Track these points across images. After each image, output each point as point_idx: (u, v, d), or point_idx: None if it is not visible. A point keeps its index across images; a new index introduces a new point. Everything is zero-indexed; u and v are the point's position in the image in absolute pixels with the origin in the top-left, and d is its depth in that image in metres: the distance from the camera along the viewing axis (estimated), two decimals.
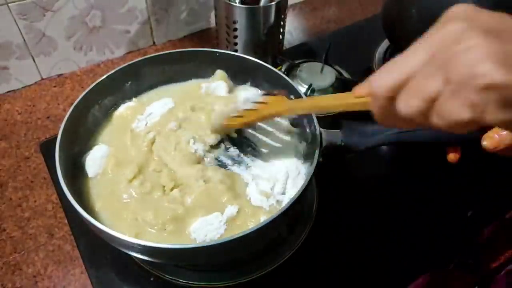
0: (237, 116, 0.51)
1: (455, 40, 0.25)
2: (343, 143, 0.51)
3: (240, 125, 0.53)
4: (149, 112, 0.59)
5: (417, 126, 0.30)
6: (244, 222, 0.48)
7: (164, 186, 0.50)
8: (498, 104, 0.24)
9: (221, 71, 0.63)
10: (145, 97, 0.63)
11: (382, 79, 0.30)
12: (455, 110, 0.26)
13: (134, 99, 0.61)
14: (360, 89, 0.34)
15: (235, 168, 0.54)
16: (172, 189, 0.50)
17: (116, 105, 0.61)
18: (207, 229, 0.46)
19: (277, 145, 0.57)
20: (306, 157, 0.54)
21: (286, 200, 0.50)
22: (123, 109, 0.60)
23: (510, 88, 0.23)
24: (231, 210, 0.48)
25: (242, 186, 0.52)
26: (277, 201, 0.50)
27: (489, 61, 0.23)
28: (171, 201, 0.49)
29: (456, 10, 0.28)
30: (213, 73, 0.64)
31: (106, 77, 0.57)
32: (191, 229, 0.47)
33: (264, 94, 0.51)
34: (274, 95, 0.50)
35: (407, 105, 0.28)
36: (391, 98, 0.29)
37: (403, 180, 0.66)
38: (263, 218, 0.48)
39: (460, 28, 0.26)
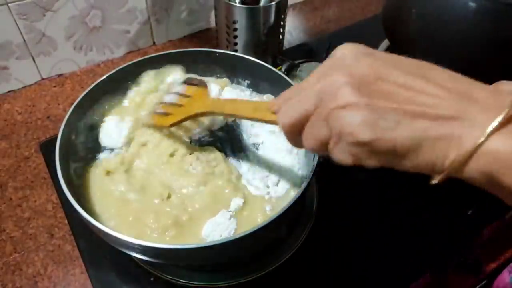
0: (165, 113, 0.52)
1: (334, 95, 0.28)
2: None
3: (169, 126, 0.53)
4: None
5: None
6: (251, 212, 0.49)
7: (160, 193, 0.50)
8: (370, 154, 0.28)
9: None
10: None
11: (284, 116, 0.33)
12: (340, 155, 0.30)
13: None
14: (275, 106, 0.36)
15: (231, 159, 0.55)
16: (169, 197, 0.50)
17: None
18: (219, 230, 0.46)
19: (274, 142, 0.57)
20: (306, 156, 0.54)
21: (281, 190, 0.52)
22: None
23: (374, 143, 0.27)
24: (236, 202, 0.49)
25: (239, 177, 0.53)
26: (274, 191, 0.52)
27: (356, 122, 0.27)
28: (172, 207, 0.49)
29: (343, 52, 0.31)
30: (213, 73, 0.64)
31: (106, 77, 0.57)
32: (203, 235, 0.47)
33: (185, 83, 0.52)
34: (195, 85, 0.51)
35: (307, 142, 0.32)
36: (296, 132, 0.33)
37: (403, 180, 0.66)
38: (268, 207, 0.49)
39: (338, 82, 0.28)
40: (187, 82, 0.54)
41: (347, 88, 0.28)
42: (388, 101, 0.27)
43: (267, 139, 0.58)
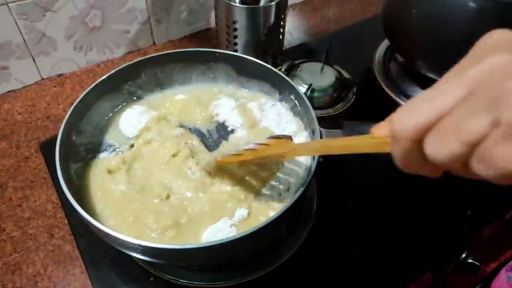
0: (235, 155, 0.49)
1: (506, 75, 0.21)
2: None
3: (236, 163, 0.50)
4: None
5: (451, 173, 0.25)
6: (254, 221, 0.48)
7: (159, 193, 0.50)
8: None
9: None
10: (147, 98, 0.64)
11: (407, 116, 0.24)
12: (506, 158, 0.21)
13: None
14: (379, 131, 0.29)
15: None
16: (168, 197, 0.50)
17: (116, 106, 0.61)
18: (220, 236, 0.46)
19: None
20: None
21: (291, 194, 0.51)
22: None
23: None
24: (241, 213, 0.48)
25: (249, 187, 0.52)
26: (284, 197, 0.51)
27: None
28: (171, 207, 0.49)
29: (495, 37, 0.25)
30: (212, 73, 0.64)
31: (106, 77, 0.57)
32: (203, 240, 0.47)
33: (269, 138, 0.47)
34: (279, 138, 0.47)
35: (441, 148, 0.23)
36: (417, 141, 0.24)
37: (403, 180, 0.66)
38: (271, 214, 0.48)
39: (508, 60, 0.22)
40: (271, 137, 0.49)
41: None
42: None
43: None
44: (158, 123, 0.58)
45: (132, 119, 0.58)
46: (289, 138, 0.46)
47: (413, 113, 0.24)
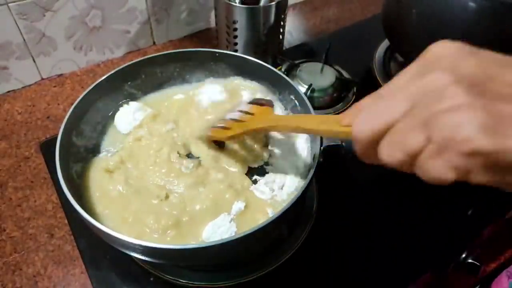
0: (223, 127, 0.50)
1: (438, 96, 0.24)
2: (343, 143, 0.51)
3: (226, 139, 0.52)
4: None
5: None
6: (252, 215, 0.49)
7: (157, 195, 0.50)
8: (484, 168, 0.23)
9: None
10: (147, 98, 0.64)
11: (363, 124, 0.28)
12: (438, 170, 0.24)
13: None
14: (346, 119, 0.32)
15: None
16: (167, 197, 0.50)
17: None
18: (220, 232, 0.46)
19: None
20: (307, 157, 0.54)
21: (284, 193, 0.52)
22: None
23: (496, 154, 0.22)
24: (238, 205, 0.49)
25: (244, 181, 0.53)
26: (276, 194, 0.52)
27: (473, 126, 0.22)
28: (171, 207, 0.49)
29: (440, 51, 0.27)
30: (212, 73, 0.64)
31: (106, 77, 0.57)
32: (203, 237, 0.47)
33: (251, 103, 0.49)
34: (261, 104, 0.49)
35: (389, 155, 0.27)
36: (373, 143, 0.28)
37: (403, 180, 0.66)
38: (269, 210, 0.49)
39: (443, 81, 0.24)
40: (254, 102, 0.52)
41: (456, 87, 0.23)
42: (508, 104, 0.23)
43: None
44: (152, 120, 0.58)
45: (127, 116, 0.58)
46: (271, 104, 0.48)
47: (367, 121, 0.28)
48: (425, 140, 0.24)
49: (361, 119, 0.29)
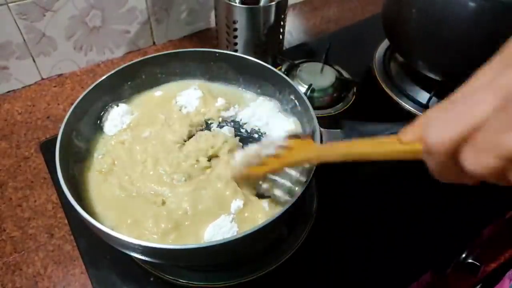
0: (260, 164, 0.47)
1: None
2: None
3: (264, 175, 0.49)
4: None
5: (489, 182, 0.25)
6: (251, 213, 0.49)
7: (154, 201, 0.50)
8: None
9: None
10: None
11: (440, 131, 0.24)
12: None
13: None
14: (409, 134, 0.28)
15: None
16: (163, 203, 0.50)
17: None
18: (221, 233, 0.46)
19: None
20: None
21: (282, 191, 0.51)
22: None
23: None
24: (237, 203, 0.49)
25: None
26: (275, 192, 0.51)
27: None
28: (168, 211, 0.49)
29: None
30: (212, 73, 0.64)
31: (106, 77, 0.57)
32: (205, 238, 0.47)
33: (288, 137, 0.45)
34: (299, 138, 0.45)
35: (478, 163, 0.23)
36: (453, 153, 0.24)
37: (403, 180, 0.66)
38: (265, 204, 0.49)
39: None
40: (290, 136, 0.46)
41: None
42: None
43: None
44: (136, 125, 0.58)
45: (115, 119, 0.58)
46: (310, 137, 0.44)
47: (447, 126, 0.24)
48: None
49: (436, 127, 0.24)
